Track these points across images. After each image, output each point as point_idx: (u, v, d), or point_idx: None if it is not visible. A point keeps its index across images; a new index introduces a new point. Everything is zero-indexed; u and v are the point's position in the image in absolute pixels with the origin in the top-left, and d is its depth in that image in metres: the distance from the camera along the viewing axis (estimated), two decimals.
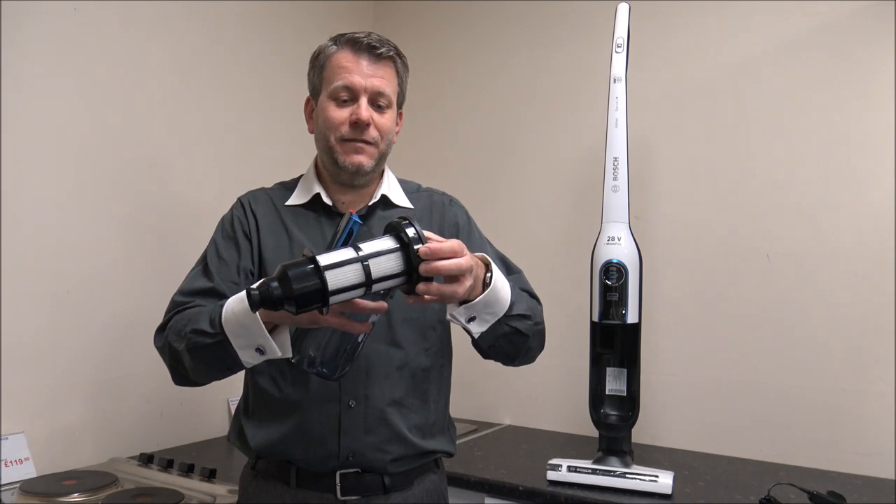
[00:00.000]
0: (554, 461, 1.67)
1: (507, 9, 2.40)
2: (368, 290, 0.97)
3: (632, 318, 1.65)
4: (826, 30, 1.88)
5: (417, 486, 1.27)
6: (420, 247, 0.97)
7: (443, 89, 2.52)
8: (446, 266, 0.99)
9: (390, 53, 1.26)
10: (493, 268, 1.12)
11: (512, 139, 2.38)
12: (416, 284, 0.99)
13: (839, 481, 1.70)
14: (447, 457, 1.35)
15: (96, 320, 1.81)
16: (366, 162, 1.24)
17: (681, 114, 2.08)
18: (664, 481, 1.58)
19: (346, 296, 0.96)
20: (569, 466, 1.65)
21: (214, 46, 2.12)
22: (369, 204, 1.29)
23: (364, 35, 1.25)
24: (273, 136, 2.25)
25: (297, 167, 1.41)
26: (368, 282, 0.96)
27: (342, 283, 0.94)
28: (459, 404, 1.54)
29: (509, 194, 2.37)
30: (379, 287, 0.98)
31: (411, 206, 1.33)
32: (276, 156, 2.21)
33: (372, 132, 1.24)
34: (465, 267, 1.01)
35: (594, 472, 1.62)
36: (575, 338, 2.03)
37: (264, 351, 1.07)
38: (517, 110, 2.38)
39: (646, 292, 1.73)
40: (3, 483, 1.56)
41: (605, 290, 1.66)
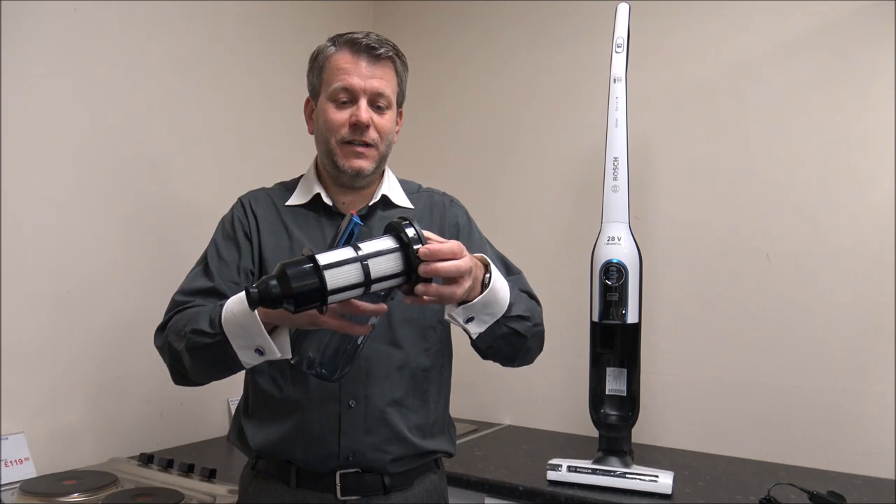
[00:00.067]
0: (554, 461, 1.67)
1: (507, 9, 2.40)
2: (367, 290, 0.97)
3: (632, 318, 1.65)
4: (826, 30, 1.88)
5: (417, 486, 1.27)
6: (420, 247, 0.97)
7: (443, 89, 2.52)
8: (445, 268, 0.99)
9: (389, 54, 1.25)
10: (493, 268, 1.12)
11: (512, 139, 2.38)
12: (415, 285, 0.99)
13: (839, 481, 1.70)
14: (447, 457, 1.35)
15: (96, 320, 1.82)
16: (366, 166, 1.24)
17: (681, 114, 2.08)
18: (664, 481, 1.58)
19: (344, 295, 0.96)
20: (569, 466, 1.65)
21: (214, 46, 2.12)
22: (370, 204, 1.29)
23: (363, 35, 1.24)
24: (273, 136, 2.25)
25: (297, 167, 1.41)
26: (367, 282, 0.96)
27: (341, 282, 0.94)
28: (459, 404, 1.54)
29: (509, 194, 2.37)
30: (378, 287, 0.98)
31: (412, 206, 1.33)
32: (276, 156, 2.21)
33: (372, 133, 1.23)
34: (464, 269, 1.01)
35: (594, 472, 1.62)
36: (575, 338, 2.03)
37: (264, 352, 1.07)
38: (517, 110, 2.37)
39: (646, 292, 1.73)
40: (3, 483, 1.56)
41: (605, 290, 1.66)
